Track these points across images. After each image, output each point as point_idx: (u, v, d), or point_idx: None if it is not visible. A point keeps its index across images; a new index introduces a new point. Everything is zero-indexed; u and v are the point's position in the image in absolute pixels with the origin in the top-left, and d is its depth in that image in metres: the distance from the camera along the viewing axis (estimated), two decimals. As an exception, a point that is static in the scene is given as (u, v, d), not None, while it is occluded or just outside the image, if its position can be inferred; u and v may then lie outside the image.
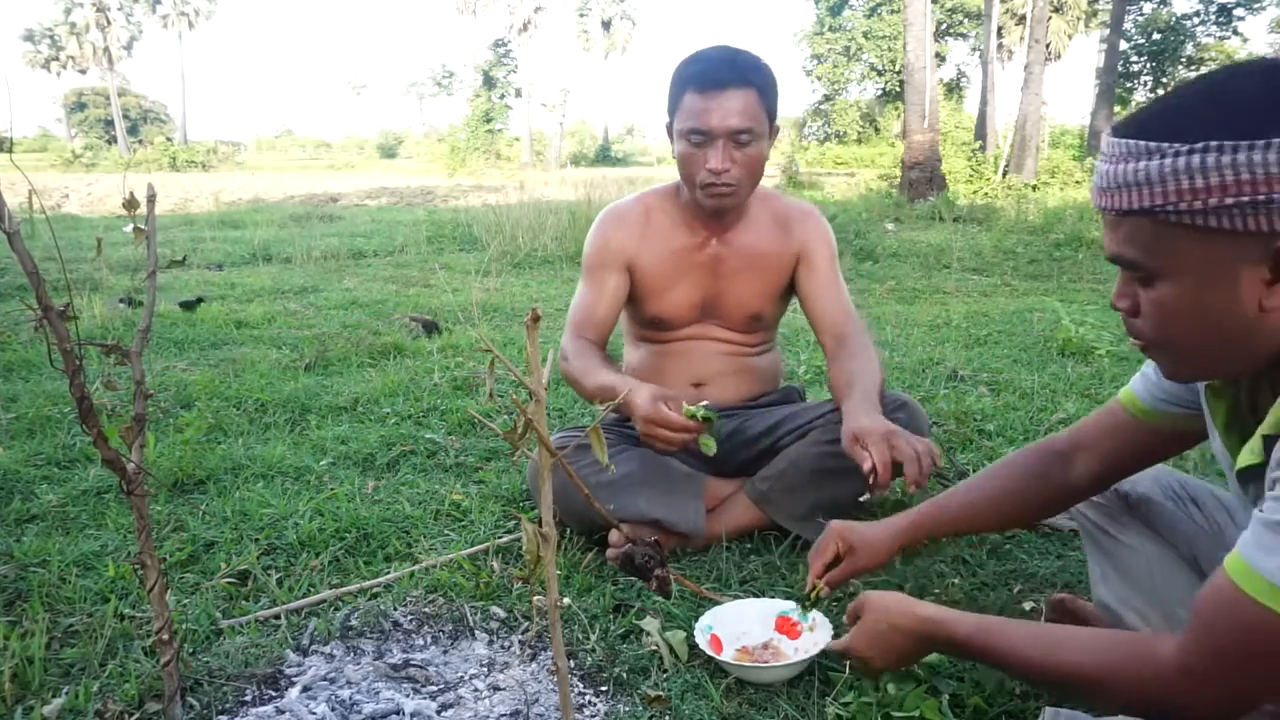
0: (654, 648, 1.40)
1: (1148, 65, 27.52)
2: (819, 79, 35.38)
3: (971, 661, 1.15)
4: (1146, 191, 0.86)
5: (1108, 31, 20.71)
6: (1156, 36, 26.79)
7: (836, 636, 1.37)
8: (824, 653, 1.32)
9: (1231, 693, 0.87)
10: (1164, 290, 0.90)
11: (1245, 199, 0.81)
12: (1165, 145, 0.84)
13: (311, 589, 1.65)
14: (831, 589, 1.42)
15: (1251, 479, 0.97)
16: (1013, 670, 1.07)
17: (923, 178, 12.05)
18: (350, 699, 1.30)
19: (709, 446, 1.62)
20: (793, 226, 1.93)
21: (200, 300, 4.76)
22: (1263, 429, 0.91)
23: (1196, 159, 0.82)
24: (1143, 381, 1.22)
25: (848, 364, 1.82)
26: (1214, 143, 0.81)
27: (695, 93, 1.74)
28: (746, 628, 1.43)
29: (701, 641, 1.37)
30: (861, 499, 1.60)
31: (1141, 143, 0.86)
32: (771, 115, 1.79)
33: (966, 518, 1.39)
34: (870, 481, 1.51)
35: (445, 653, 1.45)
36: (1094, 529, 1.38)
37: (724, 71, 1.73)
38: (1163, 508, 1.34)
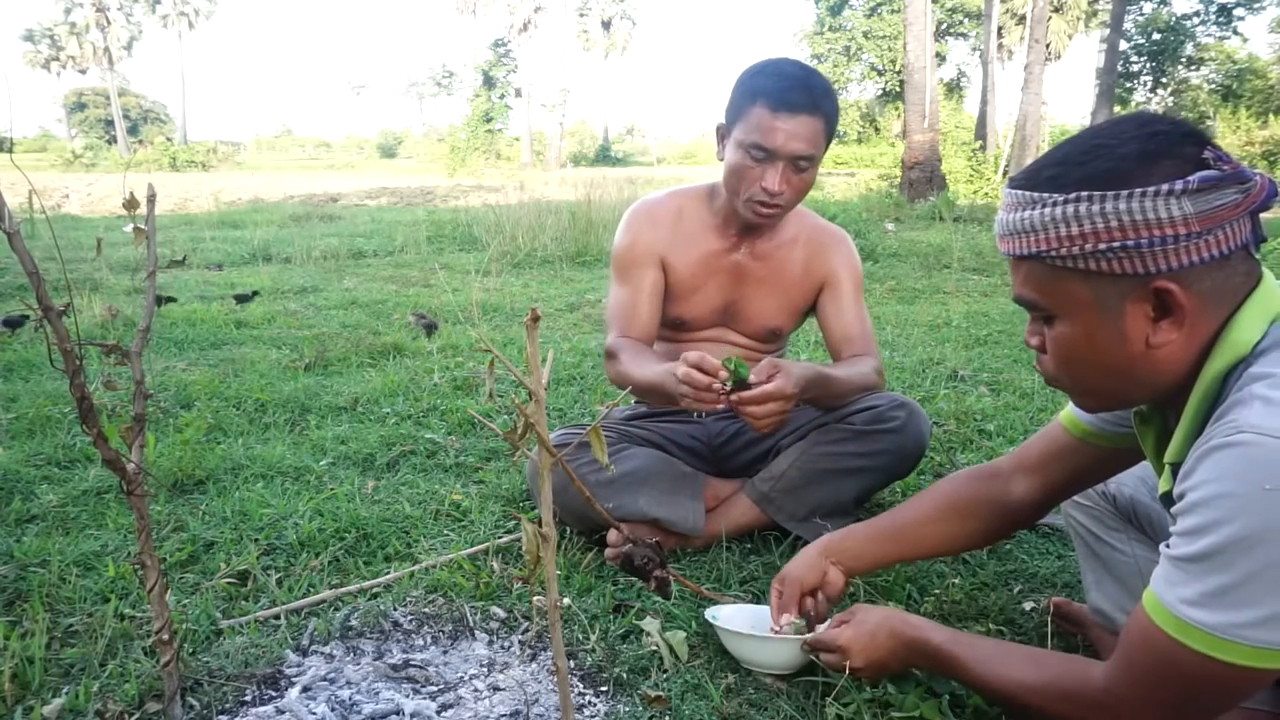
0: (654, 648, 1.40)
1: (1148, 65, 27.53)
2: (819, 79, 35.29)
3: (946, 677, 1.19)
4: (1032, 238, 0.94)
5: (1108, 31, 20.71)
6: (1156, 36, 26.80)
7: None
8: (806, 643, 1.31)
9: (1155, 718, 0.94)
10: (1061, 329, 0.97)
11: (1116, 244, 0.88)
12: (1045, 195, 0.92)
13: (311, 589, 1.65)
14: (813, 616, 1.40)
15: (1169, 504, 1.00)
16: (971, 683, 1.13)
17: (923, 178, 12.05)
18: (350, 699, 1.30)
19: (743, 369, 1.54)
20: (821, 251, 1.92)
21: (256, 294, 4.78)
22: (1167, 458, 0.97)
23: (1070, 208, 0.90)
24: None
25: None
26: (1084, 193, 0.89)
27: (767, 109, 1.69)
28: (746, 627, 1.43)
29: (710, 619, 1.41)
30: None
31: (1027, 193, 0.94)
32: (829, 142, 1.78)
33: (904, 538, 1.39)
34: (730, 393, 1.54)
35: (445, 653, 1.45)
36: (1084, 532, 1.38)
37: (799, 95, 1.68)
38: (1150, 509, 1.34)
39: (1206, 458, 0.86)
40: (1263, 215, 0.93)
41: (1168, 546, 0.90)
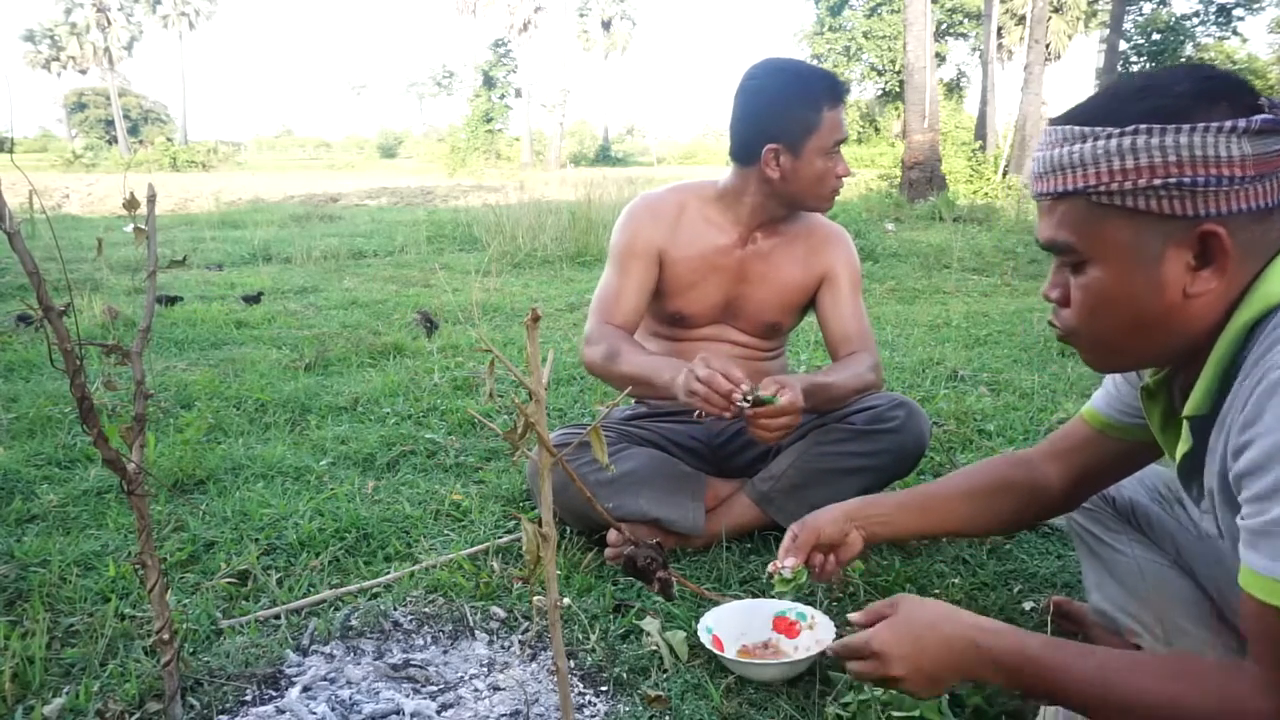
0: (654, 648, 1.40)
1: (1148, 65, 27.51)
2: (819, 79, 35.30)
3: (1030, 694, 1.02)
4: (1080, 173, 0.89)
5: (1108, 31, 20.71)
6: (1156, 36, 26.79)
7: (841, 635, 1.37)
8: (824, 653, 1.31)
9: None
10: (1094, 275, 0.92)
11: (1172, 180, 0.85)
12: (1099, 129, 0.88)
13: (311, 589, 1.65)
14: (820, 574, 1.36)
15: (1191, 471, 0.98)
16: (1079, 701, 0.95)
17: (923, 178, 12.05)
18: (350, 699, 1.30)
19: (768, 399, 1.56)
20: (821, 247, 1.94)
21: (261, 295, 4.79)
22: (1186, 412, 0.93)
23: (1127, 140, 0.86)
24: (1103, 395, 1.22)
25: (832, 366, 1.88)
26: (1143, 126, 0.85)
27: (832, 108, 1.77)
28: (746, 627, 1.43)
29: (704, 640, 1.37)
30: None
31: (1077, 128, 0.90)
32: None
33: (931, 511, 1.35)
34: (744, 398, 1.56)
35: (445, 653, 1.45)
36: (1084, 533, 1.38)
37: (840, 84, 1.81)
38: (1149, 510, 1.34)
39: (1272, 397, 0.79)
40: None
41: (1244, 518, 0.83)
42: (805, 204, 1.86)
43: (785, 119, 1.77)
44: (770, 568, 1.35)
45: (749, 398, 1.55)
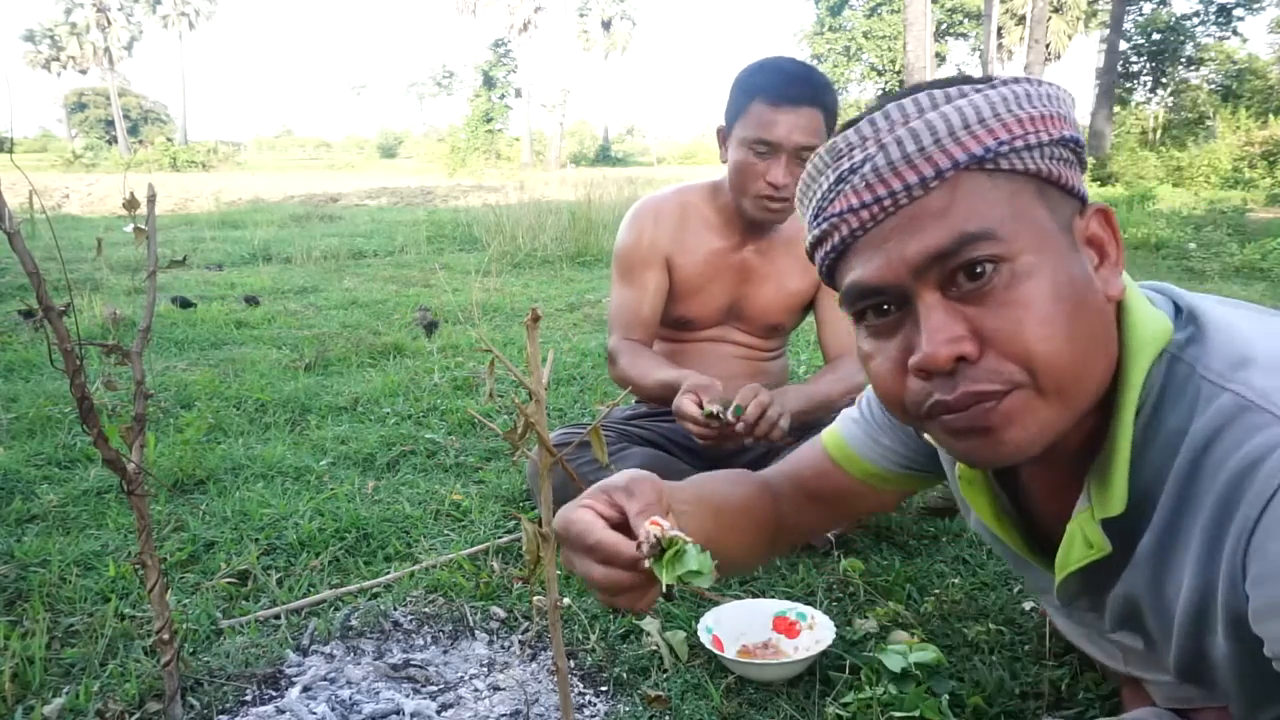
0: (654, 648, 1.40)
1: (1148, 65, 27.52)
2: (819, 79, 35.35)
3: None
4: (977, 134, 0.65)
5: (1108, 31, 20.71)
6: (1156, 36, 26.78)
7: (841, 635, 1.37)
8: (824, 653, 1.32)
9: None
10: (1026, 262, 0.64)
11: (1068, 134, 0.68)
12: (966, 87, 0.68)
13: (311, 589, 1.65)
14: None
15: (1094, 577, 0.77)
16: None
17: (923, 178, 12.04)
18: (350, 699, 1.30)
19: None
20: None
21: (258, 299, 4.79)
22: (1106, 512, 0.71)
23: (1019, 87, 0.68)
24: (863, 440, 0.96)
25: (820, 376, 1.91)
26: (1019, 76, 0.69)
27: (766, 104, 1.70)
28: (746, 627, 1.43)
29: (704, 640, 1.37)
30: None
31: (940, 91, 0.68)
32: (830, 136, 1.82)
33: (714, 538, 0.86)
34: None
35: (445, 653, 1.45)
36: None
37: (798, 87, 1.70)
38: None
39: None
40: (1264, 215, 0.85)
41: None
42: (738, 201, 1.82)
43: (730, 101, 1.79)
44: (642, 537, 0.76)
45: (720, 415, 1.61)
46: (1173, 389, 0.67)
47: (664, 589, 0.67)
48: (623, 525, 0.71)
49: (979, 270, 0.64)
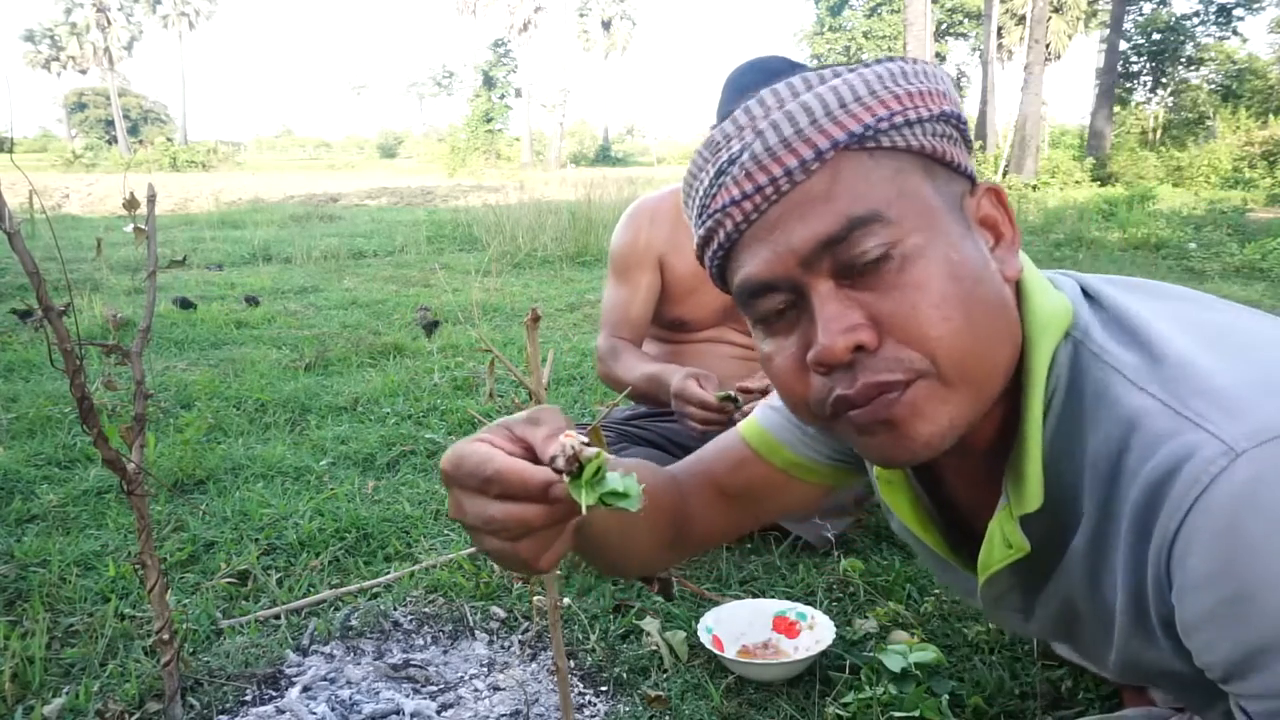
0: (654, 648, 1.40)
1: (1148, 65, 27.54)
2: (819, 79, 35.36)
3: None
4: (854, 112, 0.62)
5: (1108, 31, 20.73)
6: (1156, 36, 26.80)
7: (841, 635, 1.37)
8: (824, 653, 1.32)
9: None
10: (915, 242, 0.61)
11: (950, 110, 0.65)
12: (842, 67, 0.65)
13: (311, 589, 1.65)
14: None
15: (1022, 578, 0.73)
16: None
17: (923, 178, 12.04)
18: (350, 699, 1.30)
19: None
20: None
21: (258, 301, 4.78)
22: (1024, 508, 0.67)
23: (896, 65, 0.65)
24: (785, 424, 0.88)
25: None
26: (895, 55, 0.66)
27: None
28: (746, 627, 1.43)
29: (705, 640, 1.37)
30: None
31: (814, 72, 0.65)
32: None
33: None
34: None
35: (445, 653, 1.45)
36: None
37: None
38: None
39: (1199, 535, 0.54)
40: (1264, 215, 0.78)
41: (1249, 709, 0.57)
42: None
43: (720, 101, 1.78)
44: (555, 450, 0.60)
45: (735, 398, 1.60)
46: (1080, 378, 0.64)
47: (583, 510, 0.53)
48: (528, 460, 0.58)
49: (870, 255, 0.60)
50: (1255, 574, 0.53)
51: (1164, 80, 27.58)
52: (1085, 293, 0.69)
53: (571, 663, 1.40)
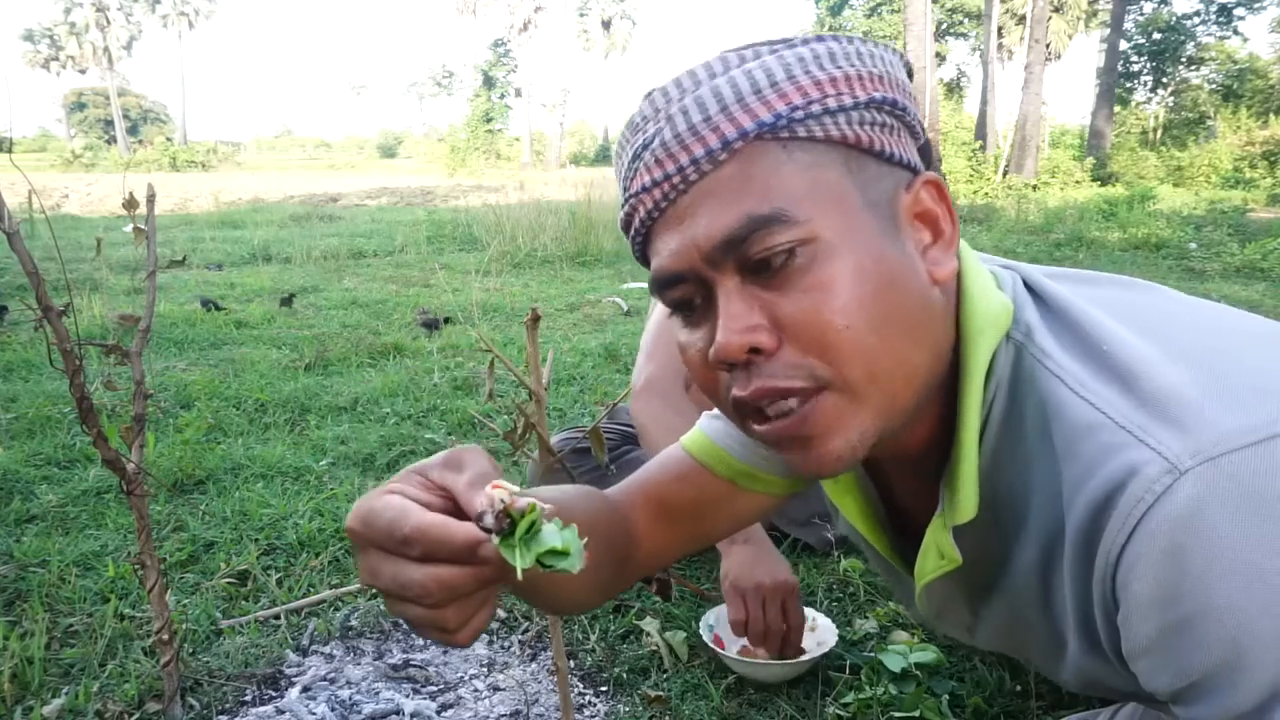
0: (654, 648, 1.40)
1: (1148, 65, 27.55)
2: (819, 79, 35.42)
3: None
4: (769, 99, 0.58)
5: (1108, 31, 20.73)
6: (1157, 36, 26.81)
7: (841, 635, 1.37)
8: (825, 653, 1.32)
9: None
10: (827, 242, 0.57)
11: (883, 98, 0.60)
12: (763, 48, 0.61)
13: (311, 589, 1.64)
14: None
15: (963, 589, 0.72)
16: None
17: (923, 178, 12.05)
18: (350, 699, 1.30)
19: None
20: None
21: (292, 299, 4.78)
22: (957, 518, 0.65)
23: (822, 46, 0.61)
24: (724, 421, 0.83)
25: None
26: (826, 35, 0.62)
27: None
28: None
29: (706, 638, 1.37)
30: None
31: (734, 53, 0.61)
32: None
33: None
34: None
35: (445, 653, 1.45)
36: None
37: None
38: None
39: (1142, 560, 0.53)
40: (1264, 215, 0.73)
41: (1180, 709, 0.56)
42: None
43: None
44: (482, 505, 0.52)
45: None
46: (1022, 385, 0.61)
47: (518, 574, 0.46)
48: (449, 513, 0.51)
49: (774, 254, 0.57)
50: (1198, 601, 0.51)
51: (1164, 80, 27.59)
52: (1029, 287, 0.66)
53: (571, 663, 1.40)
